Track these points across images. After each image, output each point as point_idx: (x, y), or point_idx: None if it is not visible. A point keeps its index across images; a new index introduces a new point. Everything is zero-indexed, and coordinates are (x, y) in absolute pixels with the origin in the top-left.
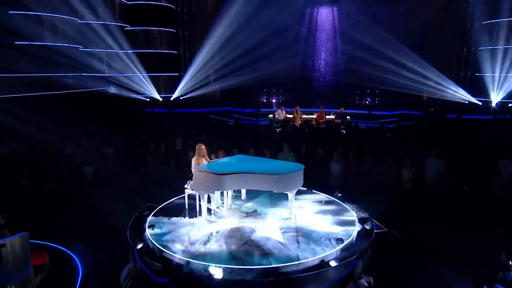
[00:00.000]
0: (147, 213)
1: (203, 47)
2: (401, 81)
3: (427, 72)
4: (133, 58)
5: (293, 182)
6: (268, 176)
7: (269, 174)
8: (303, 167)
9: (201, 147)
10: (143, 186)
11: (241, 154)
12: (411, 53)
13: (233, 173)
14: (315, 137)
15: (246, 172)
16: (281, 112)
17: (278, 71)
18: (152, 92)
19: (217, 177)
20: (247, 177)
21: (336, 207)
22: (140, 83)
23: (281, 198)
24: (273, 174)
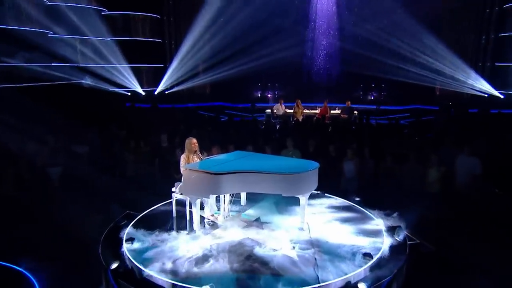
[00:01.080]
0: (125, 223)
1: (191, 35)
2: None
3: (441, 61)
4: (111, 46)
5: (306, 183)
6: (275, 176)
7: (277, 173)
8: (317, 165)
9: (191, 142)
10: (121, 191)
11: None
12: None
13: (232, 172)
14: (323, 133)
15: (248, 171)
16: (280, 107)
17: (274, 62)
18: (134, 85)
19: (213, 177)
20: (249, 177)
21: (356, 213)
22: (120, 75)
23: (290, 203)
24: (283, 173)
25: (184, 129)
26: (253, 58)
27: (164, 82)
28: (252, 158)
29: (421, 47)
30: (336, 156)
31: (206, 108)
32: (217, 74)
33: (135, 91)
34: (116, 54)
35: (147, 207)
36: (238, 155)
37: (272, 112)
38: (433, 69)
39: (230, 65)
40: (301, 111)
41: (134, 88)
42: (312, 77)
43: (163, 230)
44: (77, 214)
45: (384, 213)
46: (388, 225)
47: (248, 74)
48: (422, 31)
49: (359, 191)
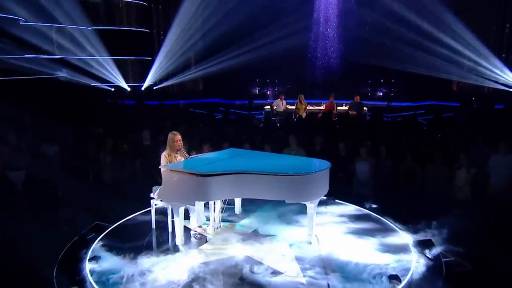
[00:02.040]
0: (92, 237)
1: (181, 24)
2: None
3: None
4: (91, 37)
5: (315, 187)
6: (277, 178)
7: (279, 174)
8: (329, 165)
9: (174, 137)
10: (93, 197)
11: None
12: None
13: (223, 173)
14: (330, 130)
15: (243, 172)
16: (280, 103)
17: (273, 54)
18: (118, 80)
19: (199, 180)
20: (244, 179)
21: (375, 224)
22: (102, 68)
23: (295, 211)
24: (286, 174)
25: (170, 125)
26: (250, 49)
27: (151, 76)
28: (249, 157)
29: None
30: (347, 156)
31: (199, 105)
32: (211, 67)
33: (119, 86)
34: (98, 45)
35: (121, 216)
36: (232, 153)
37: (272, 109)
38: (451, 60)
39: (224, 58)
40: (304, 107)
41: (118, 83)
42: (316, 71)
43: (138, 245)
44: (36, 226)
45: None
46: (415, 238)
47: (245, 68)
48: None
49: (376, 196)
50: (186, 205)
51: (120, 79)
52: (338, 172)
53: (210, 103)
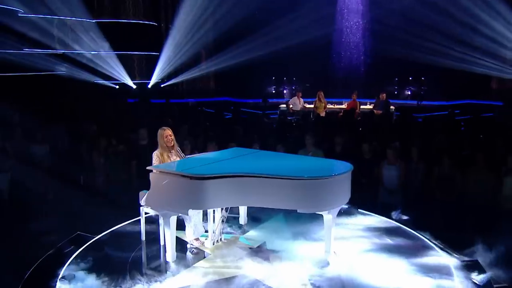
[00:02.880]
0: (71, 250)
1: (189, 15)
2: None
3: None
4: (94, 30)
5: (334, 194)
6: (288, 183)
7: (291, 178)
8: (350, 168)
9: (163, 132)
10: (80, 203)
11: None
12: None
13: (224, 176)
14: (352, 130)
15: (247, 174)
16: (297, 101)
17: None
18: (123, 77)
19: (194, 183)
20: (249, 184)
21: (407, 240)
22: (105, 64)
23: (309, 222)
24: (299, 178)
25: (172, 123)
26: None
27: (158, 73)
28: (255, 157)
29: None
30: (372, 159)
31: (209, 104)
32: (222, 63)
33: (124, 83)
34: (101, 39)
35: (108, 226)
36: (236, 153)
37: (288, 107)
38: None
39: (237, 52)
40: (324, 105)
41: (123, 80)
42: (338, 66)
43: (122, 261)
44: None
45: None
46: (458, 259)
47: (259, 64)
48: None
49: (407, 206)
50: (180, 214)
51: (125, 76)
52: (361, 177)
53: (221, 102)
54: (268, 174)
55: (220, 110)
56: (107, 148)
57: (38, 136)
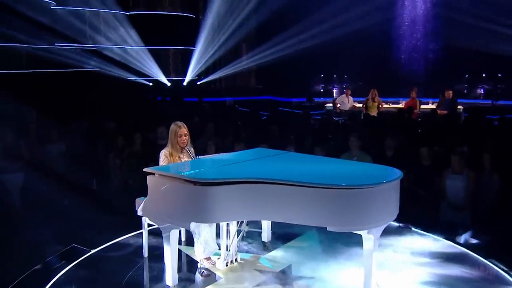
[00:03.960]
0: (60, 266)
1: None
2: None
3: None
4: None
5: (377, 208)
6: (317, 193)
7: (322, 186)
8: (400, 175)
9: (177, 130)
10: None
11: None
12: None
13: (237, 181)
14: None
15: (266, 180)
16: (346, 99)
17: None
18: (156, 74)
19: (199, 190)
20: (267, 192)
21: (476, 270)
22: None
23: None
24: (331, 187)
25: (199, 121)
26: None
27: (193, 69)
28: (281, 160)
29: None
30: (432, 167)
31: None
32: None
33: (158, 80)
34: (134, 32)
35: (109, 237)
36: (259, 154)
37: (335, 107)
38: None
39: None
40: (377, 105)
41: (157, 77)
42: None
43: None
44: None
45: None
46: None
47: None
48: None
49: (476, 226)
50: (181, 227)
51: (159, 72)
52: (417, 188)
53: (262, 101)
54: (292, 181)
55: (256, 109)
56: (123, 148)
57: (54, 135)
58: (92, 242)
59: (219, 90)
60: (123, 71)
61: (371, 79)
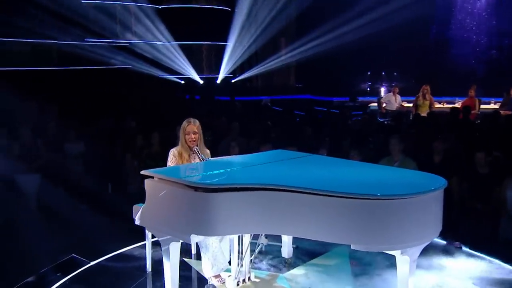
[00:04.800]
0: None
1: None
2: None
3: None
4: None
5: (414, 224)
6: (340, 203)
7: (345, 195)
8: (442, 184)
9: (186, 127)
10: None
11: None
12: None
13: (245, 188)
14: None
15: (280, 187)
16: (393, 98)
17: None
18: (188, 71)
19: (200, 197)
20: (281, 201)
21: None
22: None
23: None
24: (357, 196)
25: (225, 121)
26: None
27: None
28: (302, 164)
29: None
30: (491, 174)
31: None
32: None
33: (189, 78)
34: (166, 27)
35: (113, 247)
36: (277, 157)
37: (380, 106)
38: None
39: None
40: (428, 103)
41: (189, 74)
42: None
43: None
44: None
45: None
46: None
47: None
48: None
49: None
50: (182, 241)
51: (191, 69)
52: (472, 200)
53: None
54: (308, 188)
55: (289, 108)
56: (142, 149)
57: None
58: (95, 251)
59: (255, 89)
60: (155, 68)
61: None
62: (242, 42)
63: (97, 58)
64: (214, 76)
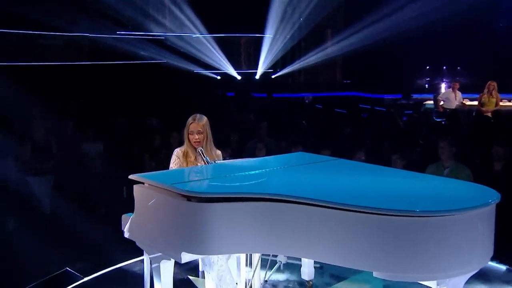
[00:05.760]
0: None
1: None
2: None
3: None
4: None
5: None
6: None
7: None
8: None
9: (189, 124)
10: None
11: None
12: None
13: (250, 198)
14: None
15: (292, 199)
16: (452, 95)
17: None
18: (225, 66)
19: (193, 208)
20: (294, 215)
21: None
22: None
23: None
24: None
25: (254, 119)
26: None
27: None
28: (323, 170)
29: None
30: None
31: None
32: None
33: (226, 73)
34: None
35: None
36: (296, 161)
37: (437, 104)
38: None
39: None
40: (494, 101)
41: (225, 69)
42: None
43: None
44: None
45: None
46: None
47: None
48: None
49: None
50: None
51: (227, 64)
52: None
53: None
54: (326, 201)
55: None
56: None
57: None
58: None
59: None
60: (190, 63)
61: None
62: (283, 34)
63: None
64: (253, 72)
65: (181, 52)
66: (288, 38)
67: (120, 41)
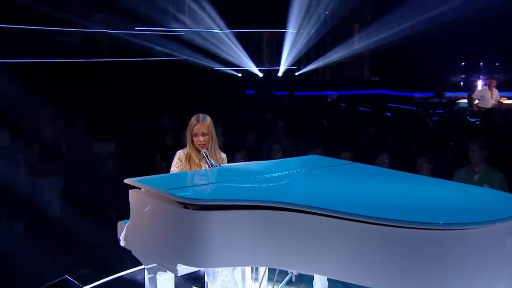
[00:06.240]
0: None
1: None
2: None
3: None
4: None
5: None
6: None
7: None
8: None
9: (192, 125)
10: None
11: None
12: None
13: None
14: None
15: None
16: (488, 92)
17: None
18: (246, 63)
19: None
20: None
21: None
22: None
23: None
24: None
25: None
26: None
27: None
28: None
29: None
30: None
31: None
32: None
33: (247, 70)
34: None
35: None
36: (307, 165)
37: (471, 103)
38: None
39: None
40: None
41: (247, 66)
42: None
43: None
44: None
45: None
46: None
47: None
48: None
49: None
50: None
51: (249, 62)
52: None
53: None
54: (334, 210)
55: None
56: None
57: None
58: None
59: (321, 83)
60: (211, 60)
61: None
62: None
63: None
64: (276, 68)
65: (201, 48)
66: (313, 33)
67: (138, 37)
